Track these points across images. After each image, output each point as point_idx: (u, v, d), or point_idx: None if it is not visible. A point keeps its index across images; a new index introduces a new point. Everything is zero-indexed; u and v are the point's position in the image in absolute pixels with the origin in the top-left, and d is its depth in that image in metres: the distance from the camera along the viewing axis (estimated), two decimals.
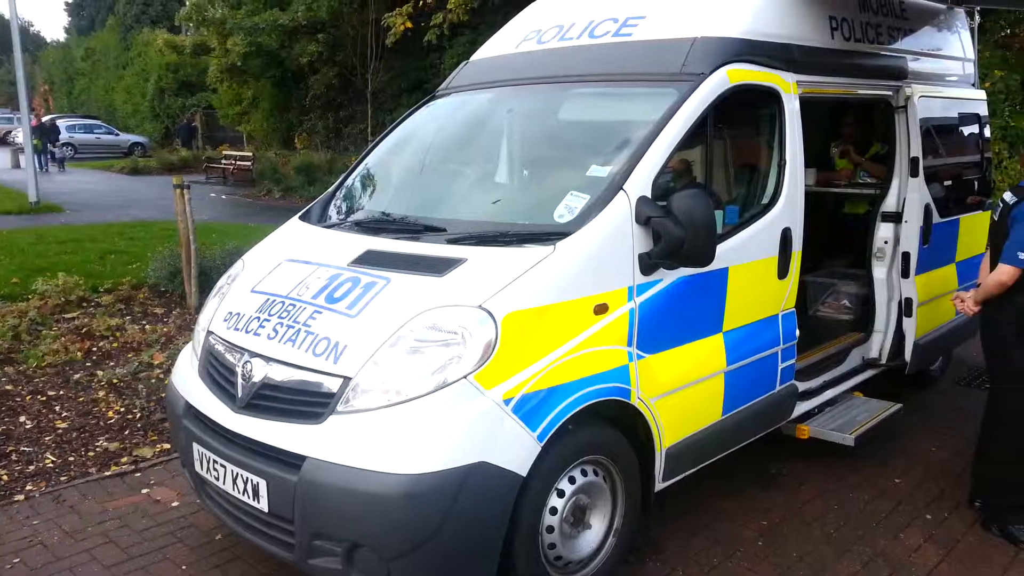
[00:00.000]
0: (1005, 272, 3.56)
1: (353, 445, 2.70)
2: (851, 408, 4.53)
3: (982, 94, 5.93)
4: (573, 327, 3.02)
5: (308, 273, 3.33)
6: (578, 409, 2.95)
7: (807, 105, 4.08)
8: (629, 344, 3.20)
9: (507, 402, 2.77)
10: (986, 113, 5.87)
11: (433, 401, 2.71)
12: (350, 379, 2.80)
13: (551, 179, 3.77)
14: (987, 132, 5.84)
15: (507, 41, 4.57)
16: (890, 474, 4.32)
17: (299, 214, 4.15)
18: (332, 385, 2.83)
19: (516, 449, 2.77)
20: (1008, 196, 3.70)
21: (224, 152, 25.74)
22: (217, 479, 3.10)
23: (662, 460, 3.35)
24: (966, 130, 5.59)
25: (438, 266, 3.07)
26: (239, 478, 2.98)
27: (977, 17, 6.56)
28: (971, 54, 5.83)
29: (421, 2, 14.14)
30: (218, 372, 3.28)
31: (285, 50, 20.85)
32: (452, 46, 15.29)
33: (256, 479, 2.90)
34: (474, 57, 4.75)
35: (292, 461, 2.80)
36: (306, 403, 2.88)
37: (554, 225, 3.21)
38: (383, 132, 4.68)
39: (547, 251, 3.02)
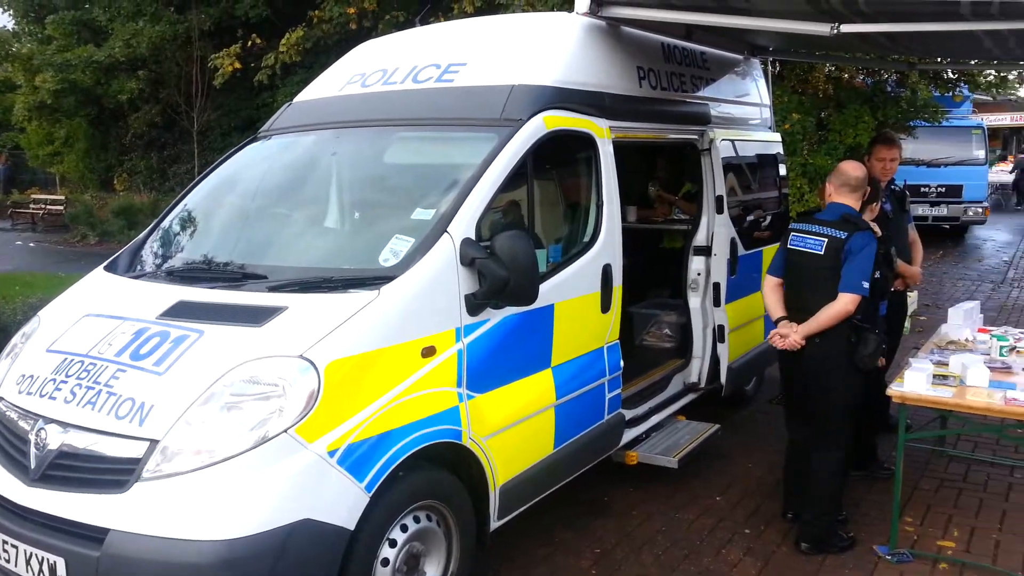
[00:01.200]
0: (851, 301, 3.73)
1: (161, 513, 2.53)
2: (675, 432, 4.78)
3: (778, 136, 6.55)
4: (400, 371, 3.00)
5: (111, 328, 3.10)
6: (408, 454, 2.92)
7: (626, 148, 4.31)
8: (458, 385, 3.21)
9: (332, 454, 2.69)
10: (782, 153, 6.48)
11: (251, 459, 2.59)
12: (157, 442, 2.62)
13: (377, 222, 3.76)
14: (783, 170, 6.42)
15: (331, 84, 4.54)
16: (712, 492, 4.58)
17: (104, 264, 3.87)
18: (137, 450, 2.63)
19: (342, 502, 2.70)
20: (831, 231, 3.83)
21: (33, 196, 23.68)
22: (8, 561, 2.79)
23: (496, 498, 3.37)
24: (765, 169, 6.12)
25: (256, 315, 2.95)
26: (34, 558, 2.69)
27: (778, 66, 7.28)
28: (767, 100, 6.42)
29: (250, 42, 13.76)
30: (8, 442, 2.98)
31: (102, 87, 19.52)
32: (285, 84, 14.94)
33: (53, 558, 2.64)
34: (297, 99, 4.67)
35: (93, 535, 2.58)
36: (108, 471, 2.67)
37: (379, 269, 3.19)
38: (200, 175, 4.48)
39: (372, 296, 2.99)
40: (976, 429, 4.67)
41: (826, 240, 3.85)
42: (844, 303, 3.75)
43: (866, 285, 3.75)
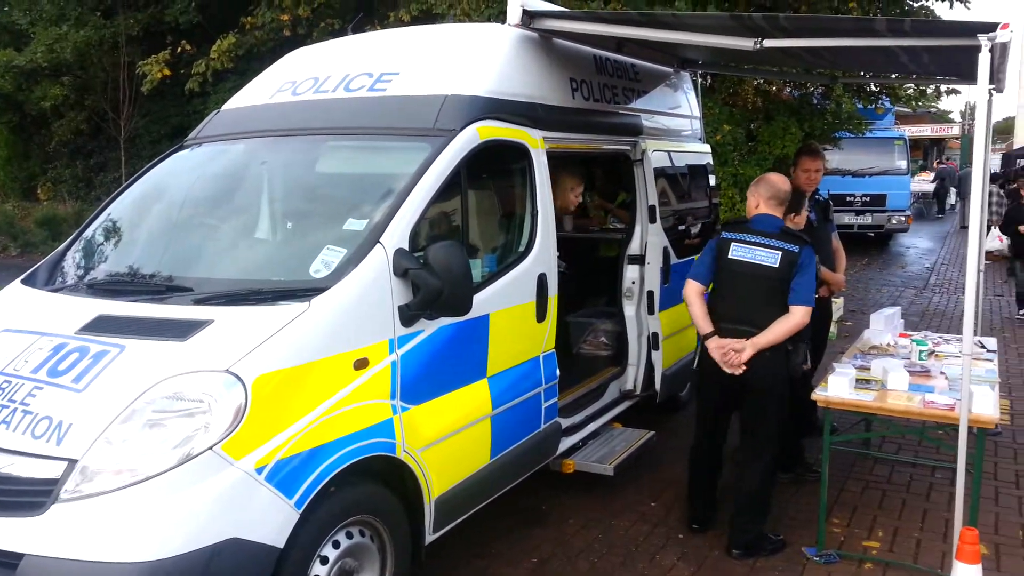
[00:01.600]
0: (806, 313, 3.81)
1: (80, 536, 2.43)
2: (611, 439, 4.83)
3: (708, 148, 6.70)
4: (332, 385, 2.95)
5: (28, 344, 2.98)
6: (340, 469, 2.88)
7: (561, 158, 4.33)
8: (392, 397, 3.18)
9: (260, 471, 2.63)
10: (712, 164, 6.63)
11: (175, 477, 2.51)
12: (76, 461, 2.52)
13: (307, 233, 3.70)
14: (712, 181, 6.57)
15: (261, 91, 4.46)
16: (647, 498, 4.64)
17: (21, 277, 3.72)
18: (54, 470, 2.53)
19: (271, 520, 2.64)
20: (784, 244, 3.88)
21: None
22: None
23: (432, 511, 3.34)
24: (696, 179, 6.25)
25: (181, 329, 2.87)
26: None
27: (709, 79, 7.45)
28: (697, 112, 6.56)
29: (180, 48, 13.44)
30: None
31: (24, 93, 18.79)
32: (216, 91, 14.61)
33: None
34: (225, 106, 4.58)
35: (7, 561, 2.46)
36: (24, 493, 2.56)
37: (310, 281, 3.14)
38: (124, 183, 4.35)
39: (302, 308, 2.95)
40: (898, 431, 4.84)
41: (781, 253, 3.87)
42: (801, 316, 3.82)
43: (814, 298, 3.88)
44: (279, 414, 2.75)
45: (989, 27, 3.26)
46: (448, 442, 3.43)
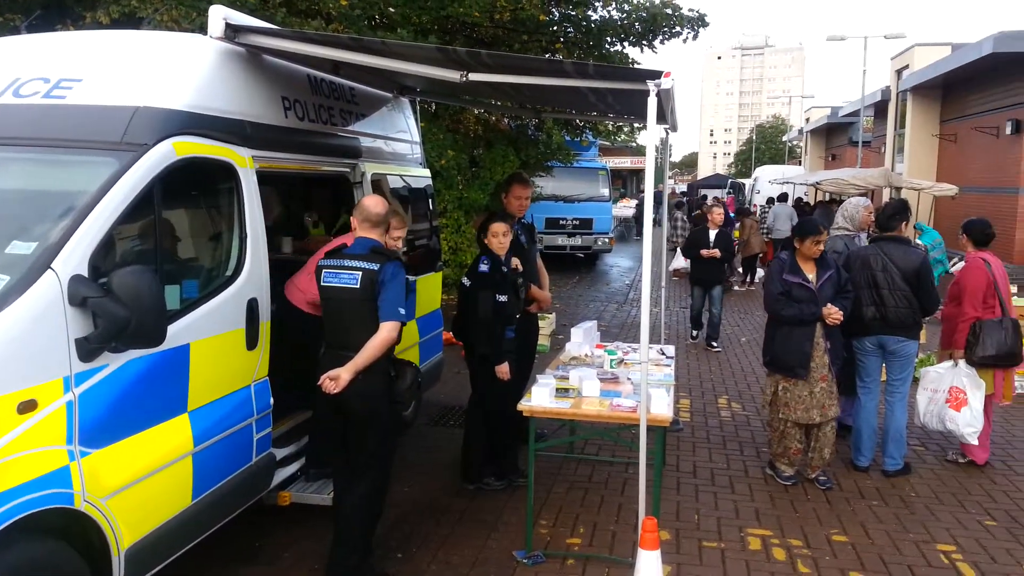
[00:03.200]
0: (394, 328, 3.76)
1: None
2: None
3: (428, 172, 6.89)
4: None
5: None
6: (3, 527, 2.51)
7: (282, 178, 4.15)
8: (69, 442, 2.85)
9: None
10: (432, 187, 6.83)
11: None
12: None
13: None
14: (432, 204, 6.77)
15: None
16: None
17: None
18: None
19: None
20: (363, 264, 3.83)
21: None
22: None
23: (122, 564, 3.04)
24: (417, 202, 6.40)
25: None
26: None
27: (434, 106, 7.63)
28: (418, 137, 6.73)
29: None
30: None
31: None
32: None
33: None
34: None
35: None
36: None
37: None
38: None
39: None
40: (596, 434, 5.32)
41: (360, 273, 3.82)
42: (388, 331, 3.75)
43: (403, 312, 3.81)
44: None
45: (655, 74, 3.72)
46: (140, 487, 3.14)
